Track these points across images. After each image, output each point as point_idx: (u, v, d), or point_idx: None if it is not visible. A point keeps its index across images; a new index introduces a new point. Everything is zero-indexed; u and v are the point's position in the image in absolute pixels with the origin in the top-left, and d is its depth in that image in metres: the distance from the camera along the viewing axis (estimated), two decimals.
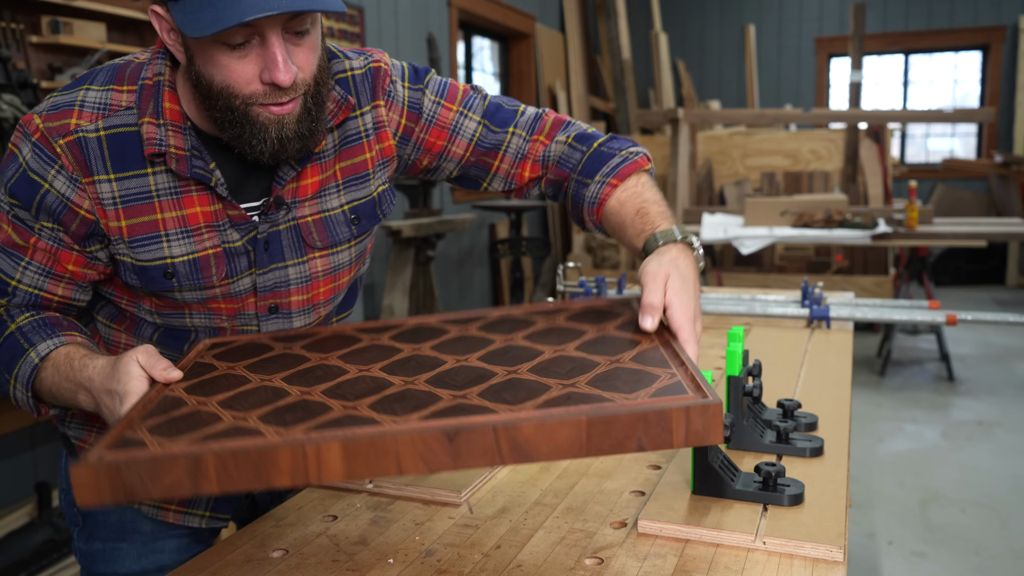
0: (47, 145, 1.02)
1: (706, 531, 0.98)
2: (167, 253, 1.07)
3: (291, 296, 1.16)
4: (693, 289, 0.97)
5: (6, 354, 1.07)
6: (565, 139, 1.21)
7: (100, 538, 1.22)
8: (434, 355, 0.93)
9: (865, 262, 5.92)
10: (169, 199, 1.06)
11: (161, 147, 1.03)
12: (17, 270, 1.07)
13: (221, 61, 0.96)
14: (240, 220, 1.09)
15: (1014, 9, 8.24)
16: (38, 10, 2.80)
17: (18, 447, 2.76)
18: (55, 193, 1.03)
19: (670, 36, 8.72)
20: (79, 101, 1.04)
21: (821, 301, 2.07)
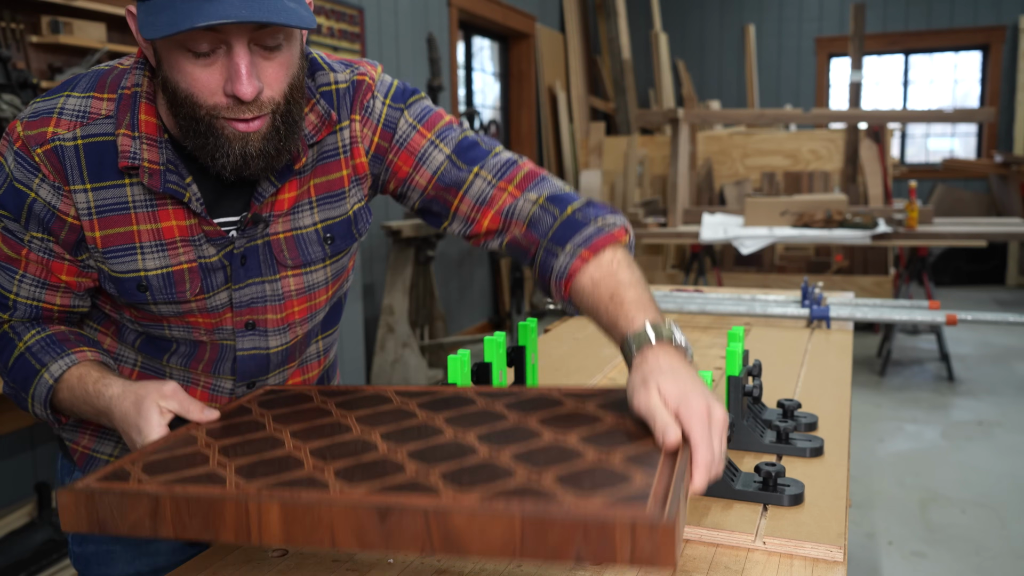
0: (27, 154, 1.01)
1: (706, 531, 0.98)
2: (141, 266, 1.05)
3: (267, 313, 1.13)
4: (690, 384, 0.84)
5: (20, 374, 1.07)
6: (536, 198, 1.10)
7: (93, 540, 1.21)
8: (439, 426, 0.92)
9: (865, 262, 5.92)
10: (145, 211, 1.04)
11: (135, 160, 1.01)
12: (13, 283, 1.07)
13: (185, 68, 0.93)
14: (216, 236, 1.06)
15: (1014, 9, 8.24)
16: (38, 10, 2.80)
17: (18, 447, 2.76)
18: (41, 202, 1.02)
19: (670, 36, 8.72)
20: (58, 108, 1.02)
21: (821, 301, 2.07)
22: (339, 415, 0.98)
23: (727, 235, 4.69)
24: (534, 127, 7.29)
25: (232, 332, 1.13)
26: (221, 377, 1.16)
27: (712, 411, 0.82)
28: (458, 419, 0.94)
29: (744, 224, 4.93)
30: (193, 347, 1.13)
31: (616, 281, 1.00)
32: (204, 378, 1.16)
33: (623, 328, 0.95)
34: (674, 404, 0.82)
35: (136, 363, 1.17)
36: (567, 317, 2.23)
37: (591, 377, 1.64)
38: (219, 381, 1.16)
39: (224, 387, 1.17)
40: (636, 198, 6.65)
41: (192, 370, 1.15)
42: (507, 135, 7.33)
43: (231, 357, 1.14)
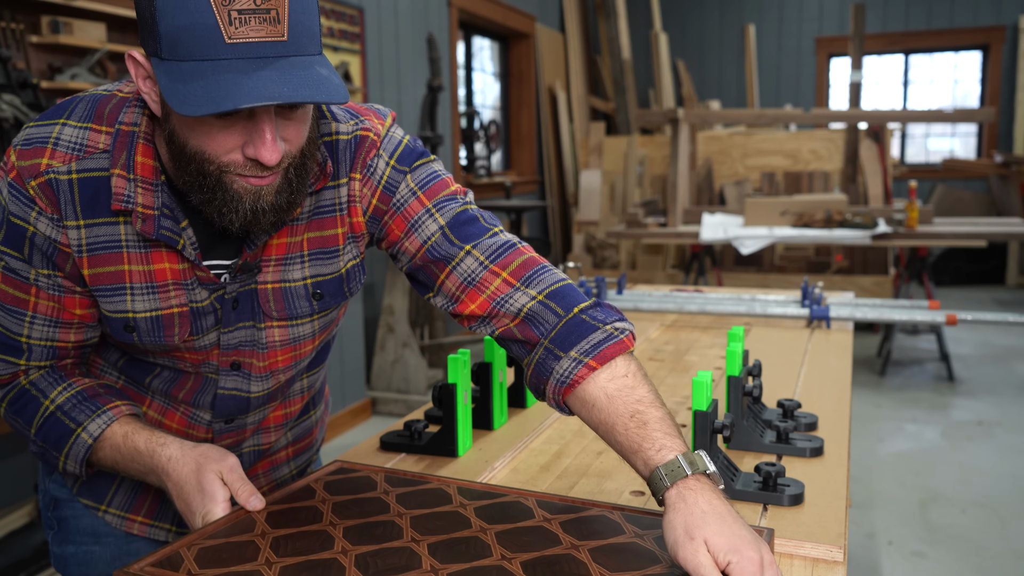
0: (22, 185, 0.96)
1: None
2: (129, 307, 1.01)
3: (253, 359, 1.10)
4: (738, 534, 0.80)
5: (52, 434, 1.03)
6: (536, 294, 1.02)
7: (73, 542, 1.18)
8: (489, 543, 0.91)
9: (865, 262, 5.92)
10: (137, 252, 0.99)
11: (128, 204, 0.96)
12: (24, 326, 1.01)
13: (201, 128, 0.88)
14: (208, 281, 1.03)
15: (1014, 9, 8.24)
16: (38, 10, 2.80)
17: (18, 447, 2.76)
18: (41, 235, 0.97)
19: (670, 36, 8.72)
20: (53, 138, 0.96)
21: (821, 301, 2.07)
22: (396, 512, 0.99)
23: (727, 235, 4.69)
24: (534, 127, 7.30)
25: (217, 368, 1.09)
26: (201, 408, 1.13)
27: (764, 560, 0.79)
28: (510, 535, 0.92)
29: (744, 224, 4.93)
30: (176, 374, 1.10)
31: (636, 398, 0.93)
32: (183, 406, 1.13)
33: (650, 456, 0.88)
34: (723, 559, 0.79)
35: (118, 380, 1.14)
36: None
37: None
38: (198, 412, 1.13)
39: (202, 418, 1.13)
40: (636, 198, 6.65)
41: (173, 396, 1.12)
42: (507, 135, 7.34)
43: (213, 391, 1.11)
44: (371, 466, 1.14)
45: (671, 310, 2.18)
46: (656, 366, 1.76)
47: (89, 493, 1.15)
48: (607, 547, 0.89)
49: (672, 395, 1.54)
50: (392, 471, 1.12)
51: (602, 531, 0.93)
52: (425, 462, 1.22)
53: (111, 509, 1.16)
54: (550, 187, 7.40)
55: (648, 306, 2.20)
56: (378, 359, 4.49)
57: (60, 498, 1.17)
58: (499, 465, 1.21)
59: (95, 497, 1.15)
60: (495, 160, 6.97)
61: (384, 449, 1.27)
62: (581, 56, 7.86)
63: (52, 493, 1.17)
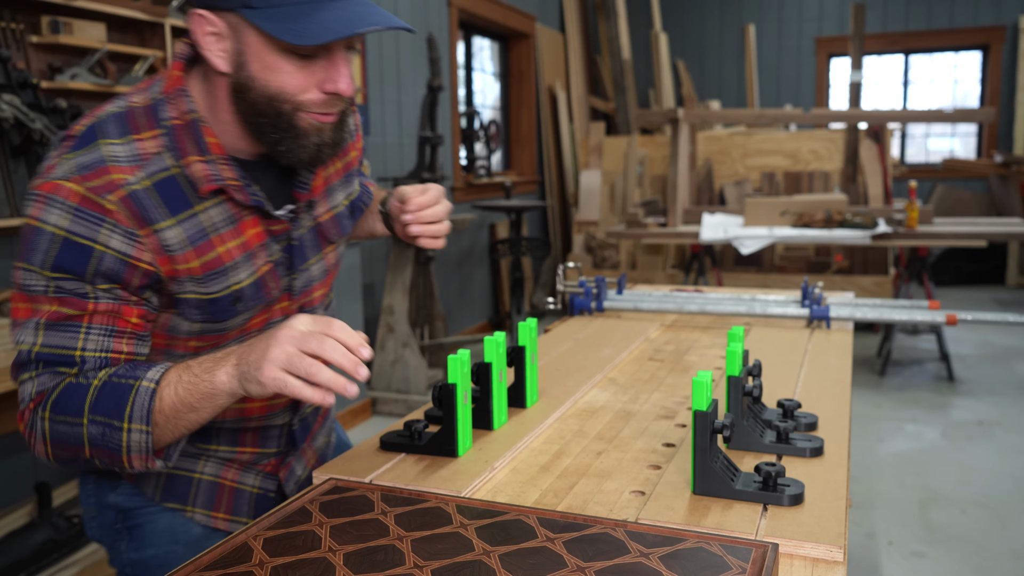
0: (93, 206, 0.98)
1: (706, 531, 0.98)
2: (234, 280, 1.10)
3: (314, 292, 1.23)
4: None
5: (110, 400, 1.00)
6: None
7: (153, 545, 1.22)
8: (494, 567, 0.90)
9: (865, 262, 5.92)
10: (228, 229, 1.08)
11: (219, 182, 1.05)
12: (78, 339, 1.02)
13: (285, 68, 0.99)
14: (280, 232, 1.14)
15: (1014, 9, 8.24)
16: (38, 10, 2.80)
17: (18, 447, 2.76)
18: (112, 253, 1.00)
19: (670, 36, 8.72)
20: (108, 156, 1.01)
21: (821, 301, 2.07)
22: (395, 535, 0.98)
23: (727, 235, 4.69)
24: (534, 127, 7.30)
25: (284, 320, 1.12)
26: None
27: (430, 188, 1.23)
28: (514, 558, 0.92)
29: (744, 224, 4.93)
30: None
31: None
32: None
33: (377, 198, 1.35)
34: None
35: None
36: (567, 317, 2.23)
37: (591, 377, 1.64)
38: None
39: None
40: (636, 198, 6.65)
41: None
42: (507, 135, 7.33)
43: None
44: (365, 484, 1.14)
45: (671, 310, 2.18)
46: (656, 366, 1.76)
47: (174, 497, 1.21)
48: (613, 568, 0.89)
49: (672, 395, 1.55)
50: (388, 489, 1.12)
51: (607, 550, 0.92)
52: (425, 462, 1.22)
53: (197, 508, 1.22)
54: (550, 187, 7.40)
55: (648, 306, 2.20)
56: (378, 359, 4.49)
57: (131, 507, 1.22)
58: (499, 465, 1.21)
59: (180, 499, 1.21)
60: (495, 160, 6.97)
61: (384, 449, 1.27)
62: (581, 56, 7.86)
63: (121, 505, 1.21)
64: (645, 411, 1.45)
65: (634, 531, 0.96)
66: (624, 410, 1.46)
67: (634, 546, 0.93)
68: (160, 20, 3.16)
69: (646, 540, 0.94)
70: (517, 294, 5.40)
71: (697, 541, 0.94)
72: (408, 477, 1.16)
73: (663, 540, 0.93)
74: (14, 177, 2.65)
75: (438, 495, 1.09)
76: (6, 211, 2.61)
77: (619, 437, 1.32)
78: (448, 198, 5.40)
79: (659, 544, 0.93)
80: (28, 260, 1.00)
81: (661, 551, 0.91)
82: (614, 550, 0.92)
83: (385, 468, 1.20)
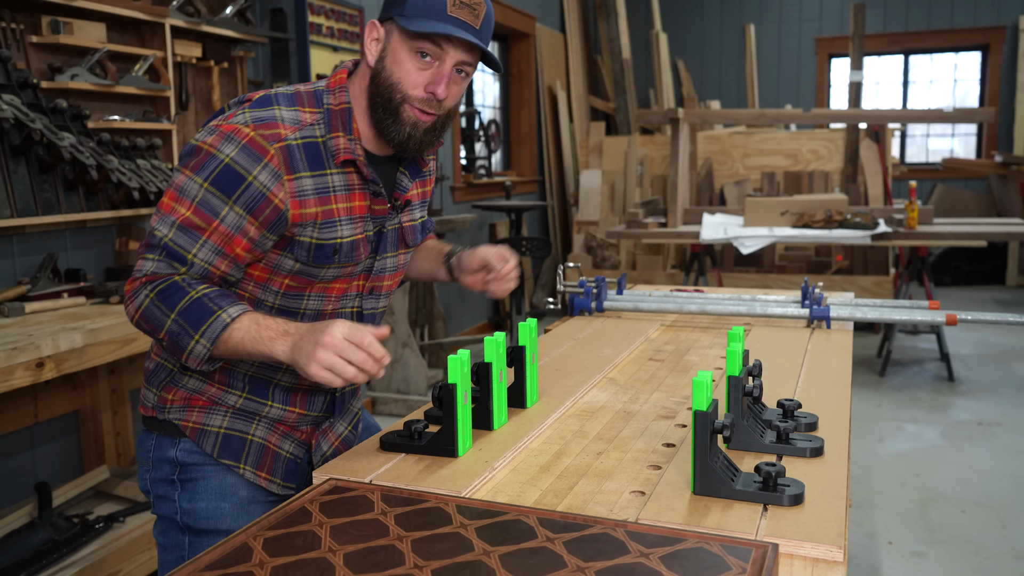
0: (258, 147, 1.28)
1: (706, 531, 0.98)
2: (339, 234, 1.36)
3: (384, 280, 1.50)
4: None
5: (195, 314, 1.25)
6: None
7: (204, 498, 1.41)
8: (494, 567, 0.90)
9: (865, 262, 5.92)
10: (343, 193, 1.36)
11: (353, 155, 1.35)
12: (195, 246, 1.28)
13: (407, 63, 1.31)
14: (380, 215, 1.42)
15: (1014, 9, 8.24)
16: (38, 10, 2.80)
17: (18, 447, 2.76)
18: (257, 184, 1.28)
19: (670, 36, 8.72)
20: (279, 117, 1.32)
21: (821, 301, 2.07)
22: (395, 535, 0.98)
23: (727, 235, 4.69)
24: (534, 127, 7.29)
25: (357, 296, 1.46)
26: None
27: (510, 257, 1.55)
28: (514, 559, 0.91)
29: (744, 224, 4.93)
30: (315, 317, 1.42)
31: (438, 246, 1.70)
32: None
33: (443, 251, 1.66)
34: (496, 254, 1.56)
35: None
36: (567, 317, 2.23)
37: (591, 377, 1.64)
38: None
39: None
40: (636, 198, 6.65)
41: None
42: (507, 135, 7.33)
43: (351, 319, 1.45)
44: (365, 484, 1.14)
45: (671, 310, 2.18)
46: (656, 366, 1.76)
47: (229, 454, 1.41)
48: (613, 568, 0.89)
49: (672, 395, 1.55)
50: (388, 489, 1.12)
51: (607, 551, 0.92)
52: (425, 462, 1.22)
53: (247, 467, 1.42)
54: (550, 187, 7.40)
55: (648, 306, 2.20)
56: None
57: (189, 463, 1.41)
58: (499, 465, 1.21)
59: (234, 457, 1.41)
60: (495, 160, 6.97)
61: (384, 449, 1.27)
62: (581, 56, 7.85)
63: (180, 460, 1.41)
64: (645, 411, 1.45)
65: (634, 531, 0.96)
66: (624, 410, 1.46)
67: (634, 546, 0.93)
68: (160, 20, 3.16)
69: (646, 540, 0.94)
70: (517, 294, 5.40)
71: (697, 541, 0.94)
72: (408, 477, 1.16)
73: (663, 540, 0.93)
74: (14, 177, 2.65)
75: (438, 495, 1.09)
76: (6, 211, 2.61)
77: (619, 437, 1.32)
78: (448, 198, 5.42)
79: (659, 544, 0.93)
80: (196, 172, 1.28)
81: (661, 551, 0.91)
82: (614, 550, 0.92)
83: (385, 468, 1.20)
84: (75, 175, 2.81)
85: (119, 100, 3.12)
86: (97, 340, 2.32)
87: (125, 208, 2.98)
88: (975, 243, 4.76)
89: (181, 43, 3.36)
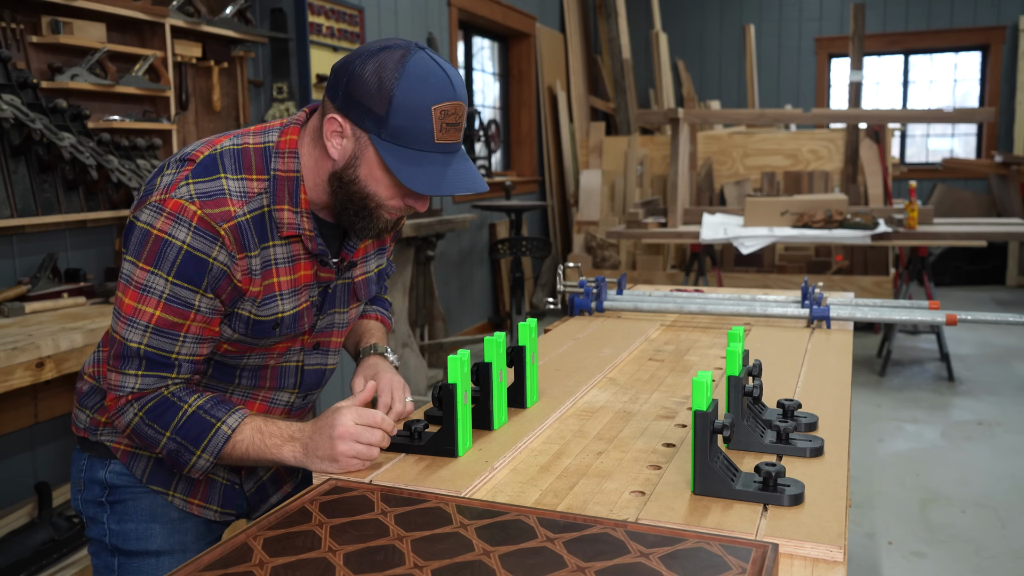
0: (209, 228, 1.19)
1: (706, 531, 0.98)
2: (280, 309, 1.29)
3: (332, 337, 1.42)
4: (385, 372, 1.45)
5: (192, 431, 1.22)
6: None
7: (133, 520, 1.37)
8: (494, 567, 0.89)
9: (865, 262, 5.92)
10: (285, 266, 1.28)
11: (298, 230, 1.27)
12: (176, 344, 1.22)
13: (385, 183, 1.22)
14: (324, 279, 1.34)
15: (1014, 9, 8.24)
16: (38, 10, 2.80)
17: (18, 447, 2.76)
18: (219, 265, 1.21)
19: (670, 36, 8.72)
20: (226, 190, 1.22)
21: (821, 301, 2.07)
22: (395, 535, 0.97)
23: (727, 235, 4.69)
24: (534, 127, 7.29)
25: (301, 351, 1.39)
26: (283, 390, 1.41)
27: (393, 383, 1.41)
28: (514, 558, 0.91)
29: (744, 224, 4.93)
30: (257, 370, 1.36)
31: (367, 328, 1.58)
32: (264, 392, 1.39)
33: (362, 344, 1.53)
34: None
35: (207, 384, 1.36)
36: (567, 317, 2.23)
37: (591, 377, 1.64)
38: (279, 393, 1.41)
39: (282, 399, 1.41)
40: (636, 198, 6.65)
41: (259, 386, 1.39)
42: (507, 135, 7.33)
43: (295, 373, 1.40)
44: (365, 484, 1.14)
45: (671, 310, 2.18)
46: (656, 366, 1.76)
47: (159, 481, 1.37)
48: (613, 568, 0.88)
49: (672, 395, 1.55)
50: (388, 489, 1.11)
51: (607, 551, 0.92)
52: (425, 462, 1.22)
53: (177, 494, 1.38)
54: (550, 187, 7.40)
55: (648, 306, 2.20)
56: None
57: (119, 485, 1.37)
58: (499, 465, 1.21)
59: (164, 484, 1.37)
60: (495, 160, 6.97)
61: (384, 449, 1.27)
62: (581, 56, 7.85)
63: (109, 482, 1.38)
64: (645, 411, 1.45)
65: (634, 531, 0.96)
66: (624, 410, 1.46)
67: (634, 546, 0.93)
68: (160, 20, 3.16)
69: (646, 540, 0.94)
70: (517, 294, 5.40)
71: (697, 541, 0.94)
72: (408, 477, 1.16)
73: (663, 540, 0.93)
74: (14, 177, 2.65)
75: (438, 495, 1.09)
76: (6, 211, 2.61)
77: (619, 437, 1.32)
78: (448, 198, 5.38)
79: (659, 544, 0.93)
80: (156, 264, 1.19)
81: (661, 551, 0.91)
82: (614, 550, 0.92)
83: (385, 468, 1.20)
84: (75, 175, 2.81)
85: (119, 100, 3.12)
86: (97, 340, 2.32)
87: (125, 208, 2.98)
88: (975, 243, 4.76)
89: (181, 43, 3.36)
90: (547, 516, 1.01)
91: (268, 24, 4.00)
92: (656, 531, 0.96)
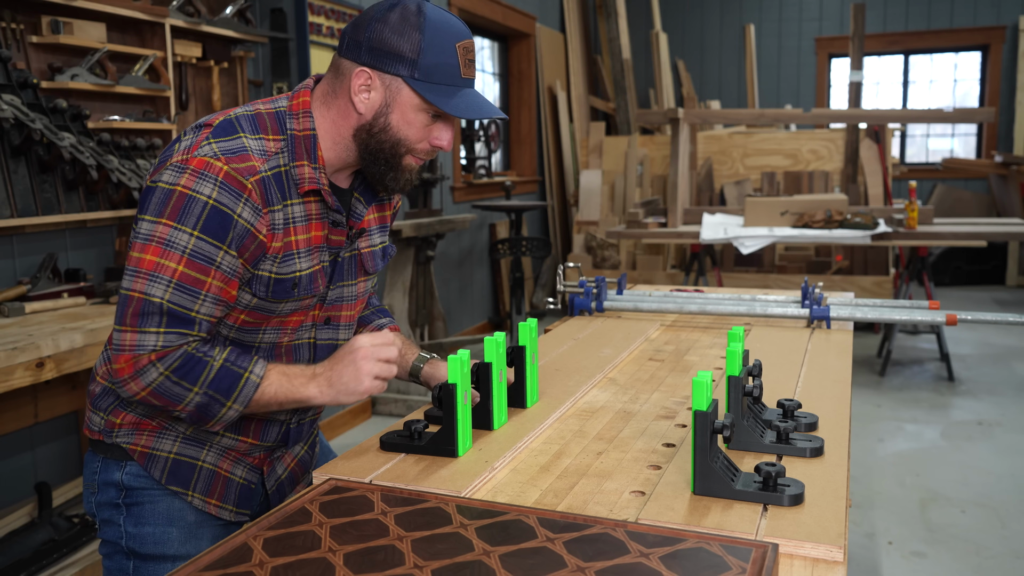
0: (235, 183, 1.21)
1: (706, 531, 0.98)
2: (298, 267, 1.31)
3: (343, 311, 1.44)
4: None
5: (223, 384, 1.24)
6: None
7: (150, 523, 1.36)
8: (494, 567, 0.89)
9: (865, 262, 5.92)
10: (302, 224, 1.31)
11: (318, 184, 1.30)
12: (196, 302, 1.22)
13: (417, 122, 1.30)
14: (336, 245, 1.37)
15: (1014, 9, 8.24)
16: (38, 10, 2.80)
17: (18, 447, 2.76)
18: (242, 222, 1.22)
19: (670, 36, 8.72)
20: (248, 147, 1.25)
21: (821, 301, 2.07)
22: (395, 535, 0.97)
23: (727, 235, 4.69)
24: (534, 127, 7.29)
25: (312, 327, 1.40)
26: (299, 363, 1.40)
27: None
28: (514, 559, 0.91)
29: (744, 224, 4.93)
30: (271, 349, 1.38)
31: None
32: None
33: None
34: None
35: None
36: (567, 317, 2.23)
37: (591, 377, 1.64)
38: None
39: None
40: (636, 198, 6.65)
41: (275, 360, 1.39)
42: (507, 135, 7.33)
43: (307, 350, 1.41)
44: (365, 484, 1.14)
45: (671, 310, 2.18)
46: (656, 366, 1.76)
47: (178, 481, 1.36)
48: (613, 568, 0.88)
49: (672, 395, 1.55)
50: (388, 489, 1.11)
51: (607, 551, 0.92)
52: (425, 462, 1.22)
53: (196, 493, 1.38)
54: (550, 187, 7.40)
55: (648, 306, 2.20)
56: None
57: (136, 487, 1.36)
58: (499, 465, 1.21)
59: (183, 484, 1.37)
60: (495, 160, 6.97)
61: (384, 449, 1.27)
62: (581, 56, 7.85)
63: (126, 484, 1.37)
64: (645, 411, 1.45)
65: (634, 531, 0.96)
66: (624, 410, 1.46)
67: (634, 546, 0.93)
68: (160, 20, 3.16)
69: (646, 540, 0.94)
70: (517, 294, 5.40)
71: (697, 541, 0.94)
72: (408, 477, 1.16)
73: (663, 540, 0.93)
74: (14, 177, 2.65)
75: (438, 495, 1.09)
76: (6, 211, 2.61)
77: (619, 437, 1.32)
78: (448, 198, 5.40)
79: (659, 544, 0.93)
80: (179, 220, 1.19)
81: (661, 551, 0.91)
82: (614, 550, 0.92)
83: (385, 468, 1.20)
84: (75, 175, 2.81)
85: (119, 100, 3.12)
86: (97, 340, 2.31)
87: (125, 208, 2.98)
88: (975, 243, 4.76)
89: (181, 43, 3.36)
90: (547, 516, 1.01)
91: (268, 24, 4.00)
92: (656, 531, 0.96)
